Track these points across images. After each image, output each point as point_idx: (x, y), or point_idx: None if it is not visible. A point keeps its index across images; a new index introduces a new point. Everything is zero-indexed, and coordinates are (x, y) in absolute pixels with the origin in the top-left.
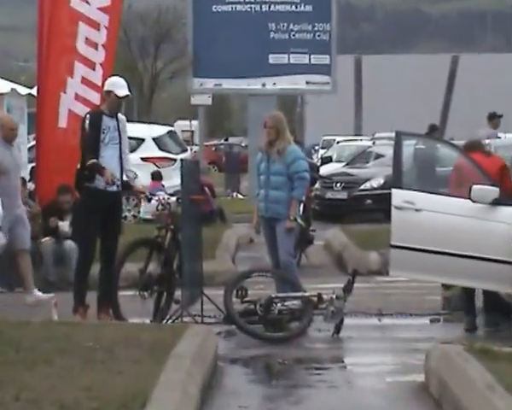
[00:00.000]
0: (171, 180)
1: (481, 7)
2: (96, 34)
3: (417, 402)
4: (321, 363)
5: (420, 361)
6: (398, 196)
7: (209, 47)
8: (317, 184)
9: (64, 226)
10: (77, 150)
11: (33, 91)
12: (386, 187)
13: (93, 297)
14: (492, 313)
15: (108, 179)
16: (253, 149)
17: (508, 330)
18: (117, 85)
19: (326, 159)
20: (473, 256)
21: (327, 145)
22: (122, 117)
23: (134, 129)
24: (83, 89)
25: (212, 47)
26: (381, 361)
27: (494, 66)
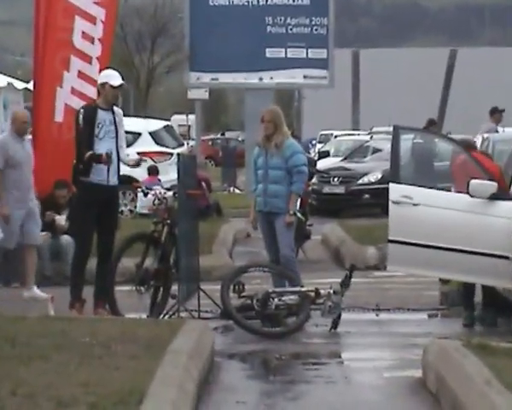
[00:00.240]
0: (167, 175)
1: (479, 0)
2: (93, 28)
3: (415, 397)
4: (318, 358)
5: (417, 356)
6: (395, 191)
7: (206, 41)
8: (314, 179)
9: (60, 220)
10: (72, 145)
11: (30, 86)
12: (383, 181)
13: (89, 292)
14: (490, 309)
15: (105, 159)
16: (250, 144)
17: (505, 325)
18: (111, 76)
19: (323, 153)
20: (471, 251)
21: (324, 140)
22: (119, 110)
23: (130, 123)
24: (79, 83)
25: (209, 41)
26: (379, 356)
27: (492, 60)
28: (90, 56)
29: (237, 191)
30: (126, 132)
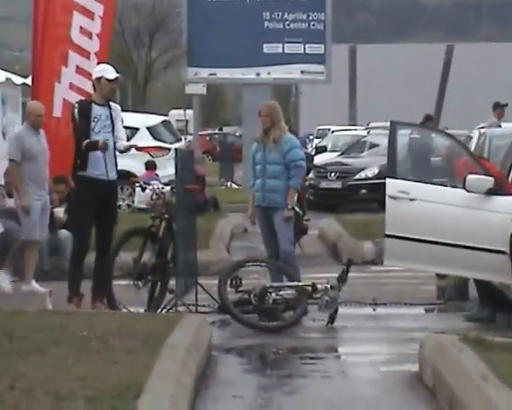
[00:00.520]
0: (165, 170)
1: None
2: (91, 23)
3: (411, 392)
4: (315, 353)
5: (414, 351)
6: (392, 186)
7: (204, 36)
8: (311, 174)
9: (59, 212)
10: (70, 140)
11: (28, 81)
12: (380, 177)
13: (88, 286)
14: (488, 305)
15: (101, 146)
16: (248, 139)
17: (502, 320)
18: (106, 70)
19: (321, 148)
20: (467, 246)
21: (321, 135)
22: (116, 106)
23: (128, 118)
24: (77, 78)
25: (207, 36)
26: (376, 351)
27: (489, 55)
28: (89, 52)
29: (234, 186)
30: (124, 127)
